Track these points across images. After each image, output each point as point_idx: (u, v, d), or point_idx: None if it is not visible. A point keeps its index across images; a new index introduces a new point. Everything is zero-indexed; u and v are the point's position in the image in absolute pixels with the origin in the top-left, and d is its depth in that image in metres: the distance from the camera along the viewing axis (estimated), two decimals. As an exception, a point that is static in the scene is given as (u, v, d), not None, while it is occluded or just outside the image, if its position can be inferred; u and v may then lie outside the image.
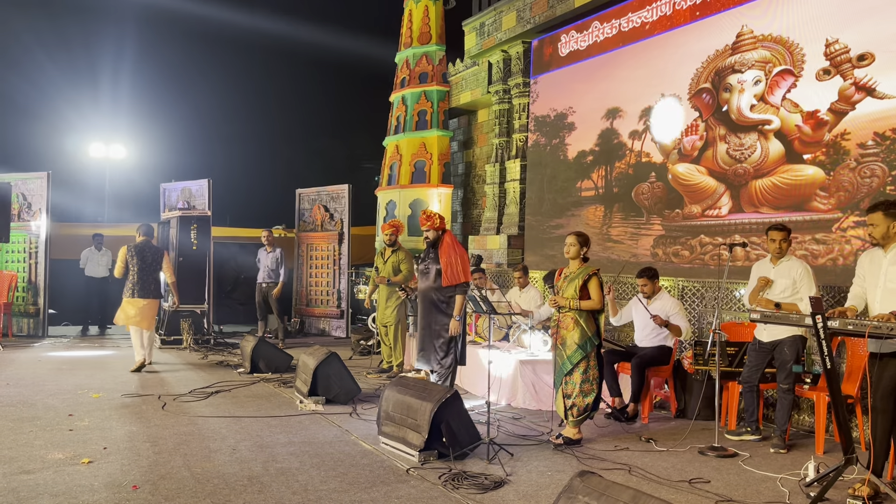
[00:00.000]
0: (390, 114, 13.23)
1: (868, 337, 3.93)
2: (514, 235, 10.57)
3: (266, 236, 10.81)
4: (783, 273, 5.32)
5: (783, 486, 4.38)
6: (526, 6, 10.20)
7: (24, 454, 4.69)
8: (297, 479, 4.31)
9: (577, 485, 2.91)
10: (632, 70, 8.66)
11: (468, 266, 6.16)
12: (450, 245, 6.13)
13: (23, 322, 11.32)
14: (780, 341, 5.33)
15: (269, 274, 10.72)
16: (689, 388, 6.39)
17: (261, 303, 10.78)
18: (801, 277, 5.25)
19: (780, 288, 5.30)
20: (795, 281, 5.25)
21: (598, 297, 5.30)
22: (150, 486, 4.10)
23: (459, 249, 6.15)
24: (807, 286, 5.21)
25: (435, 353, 6.12)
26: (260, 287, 10.74)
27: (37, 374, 7.81)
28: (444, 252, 6.09)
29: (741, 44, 7.27)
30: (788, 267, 5.32)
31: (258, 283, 10.77)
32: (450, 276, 6.03)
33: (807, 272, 5.26)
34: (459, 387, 6.95)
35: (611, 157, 8.94)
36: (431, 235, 6.20)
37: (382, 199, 12.96)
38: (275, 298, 10.70)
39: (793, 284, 5.26)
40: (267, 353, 8.21)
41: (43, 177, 11.48)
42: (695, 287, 7.15)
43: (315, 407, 6.27)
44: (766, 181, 6.98)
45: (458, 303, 5.99)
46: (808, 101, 6.61)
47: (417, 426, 4.73)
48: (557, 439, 5.27)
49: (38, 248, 11.37)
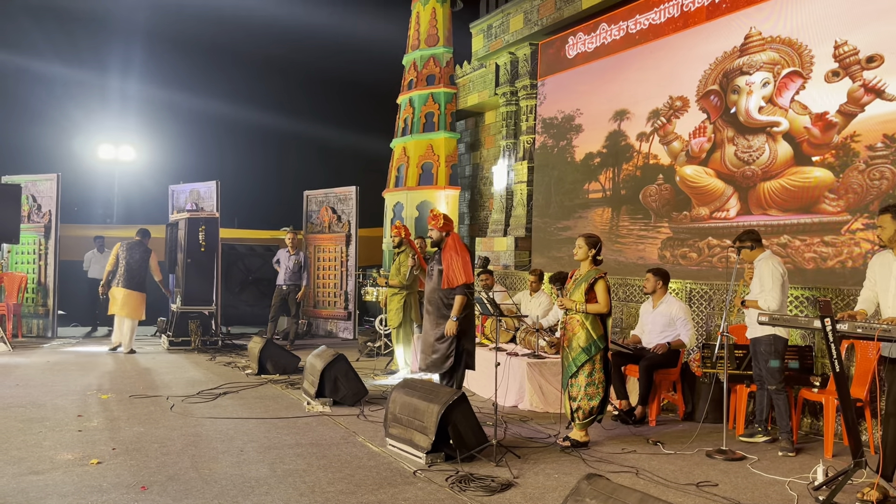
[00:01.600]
0: (398, 116, 13.24)
1: (878, 340, 3.91)
2: (522, 237, 10.57)
3: (290, 238, 10.76)
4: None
5: (792, 490, 4.37)
6: (533, 8, 10.20)
7: (33, 455, 4.72)
8: (305, 480, 4.32)
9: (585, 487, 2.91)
10: (639, 72, 8.65)
11: (469, 268, 6.02)
12: (451, 247, 6.06)
13: (32, 323, 11.38)
14: (758, 339, 5.35)
15: (290, 276, 10.68)
16: (696, 391, 6.37)
17: (277, 304, 10.75)
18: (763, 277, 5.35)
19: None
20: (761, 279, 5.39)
21: (605, 301, 5.29)
22: (159, 487, 4.12)
23: (461, 251, 6.05)
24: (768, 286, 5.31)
25: (439, 355, 6.07)
26: (280, 289, 10.70)
27: (46, 374, 7.85)
28: (444, 253, 6.06)
29: (749, 45, 7.25)
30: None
31: (278, 286, 10.74)
32: (447, 278, 5.99)
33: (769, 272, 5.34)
34: (467, 389, 6.94)
35: (618, 159, 8.93)
36: (435, 236, 6.14)
37: (389, 200, 12.97)
38: (297, 301, 10.70)
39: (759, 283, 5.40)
40: (274, 354, 8.23)
41: (53, 178, 11.54)
42: (702, 289, 7.13)
43: (322, 408, 6.29)
44: (774, 183, 6.95)
45: (456, 303, 5.92)
46: (817, 102, 6.58)
47: (424, 428, 4.73)
48: (564, 442, 5.27)
49: (47, 250, 11.44)
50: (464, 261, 6.00)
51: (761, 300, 5.28)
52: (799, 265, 6.59)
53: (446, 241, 6.10)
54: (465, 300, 5.93)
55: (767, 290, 5.26)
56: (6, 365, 8.43)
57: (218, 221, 10.87)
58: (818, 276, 6.41)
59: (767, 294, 5.26)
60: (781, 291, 5.27)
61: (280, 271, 10.77)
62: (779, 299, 5.24)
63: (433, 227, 6.14)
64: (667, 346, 6.25)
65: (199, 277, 10.43)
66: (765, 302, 5.25)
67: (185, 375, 8.05)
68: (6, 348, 9.54)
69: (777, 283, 5.26)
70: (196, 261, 10.44)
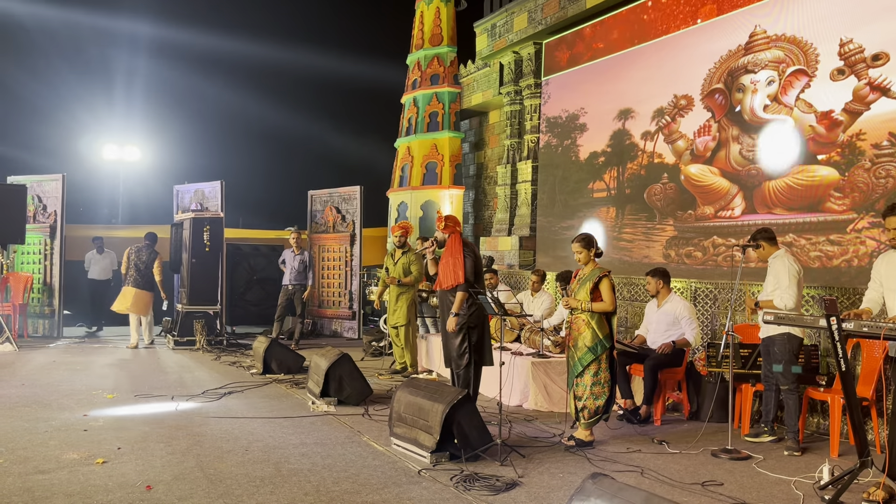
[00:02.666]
0: (402, 115, 13.25)
1: (884, 339, 3.90)
2: (526, 237, 10.56)
3: (294, 238, 10.79)
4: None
5: (797, 489, 4.35)
6: (537, 7, 10.19)
7: (39, 454, 4.73)
8: (310, 479, 4.32)
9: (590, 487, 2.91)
10: (644, 71, 8.63)
11: (460, 269, 5.92)
12: (448, 248, 6.08)
13: (38, 323, 11.41)
14: (771, 338, 5.32)
15: (295, 276, 10.71)
16: (702, 390, 6.36)
17: (284, 304, 10.77)
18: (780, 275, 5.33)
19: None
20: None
21: (610, 299, 5.28)
22: (164, 487, 4.13)
23: (455, 253, 6.00)
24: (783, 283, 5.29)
25: (453, 355, 6.06)
26: (286, 289, 10.72)
27: (51, 374, 7.87)
28: (444, 254, 6.10)
29: (754, 44, 7.23)
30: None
31: (284, 286, 10.77)
32: (441, 279, 6.04)
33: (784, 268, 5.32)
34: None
35: (623, 158, 8.91)
36: (440, 237, 6.18)
37: (394, 200, 12.98)
38: (303, 301, 10.72)
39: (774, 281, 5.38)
40: (279, 354, 8.24)
41: (58, 179, 11.57)
42: (707, 288, 7.12)
43: (327, 408, 6.29)
44: (779, 182, 6.93)
45: (457, 299, 5.90)
46: (822, 101, 6.56)
47: (429, 427, 4.73)
48: (569, 441, 5.26)
49: (52, 250, 11.47)
50: (455, 262, 5.94)
51: (777, 298, 5.23)
52: (804, 264, 6.56)
53: (448, 242, 6.09)
54: (465, 297, 5.89)
55: (783, 287, 5.22)
56: (12, 365, 8.46)
57: (222, 221, 10.89)
58: (824, 275, 6.39)
59: (783, 291, 5.21)
60: (798, 289, 5.24)
61: (286, 271, 10.79)
62: (795, 297, 5.21)
63: (439, 228, 6.16)
64: (672, 345, 6.23)
65: (204, 277, 10.46)
66: (780, 300, 5.21)
67: (190, 375, 8.07)
68: (12, 348, 9.58)
69: (793, 280, 5.23)
70: (201, 261, 10.47)
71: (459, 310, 5.89)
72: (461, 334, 5.92)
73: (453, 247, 6.06)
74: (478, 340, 5.98)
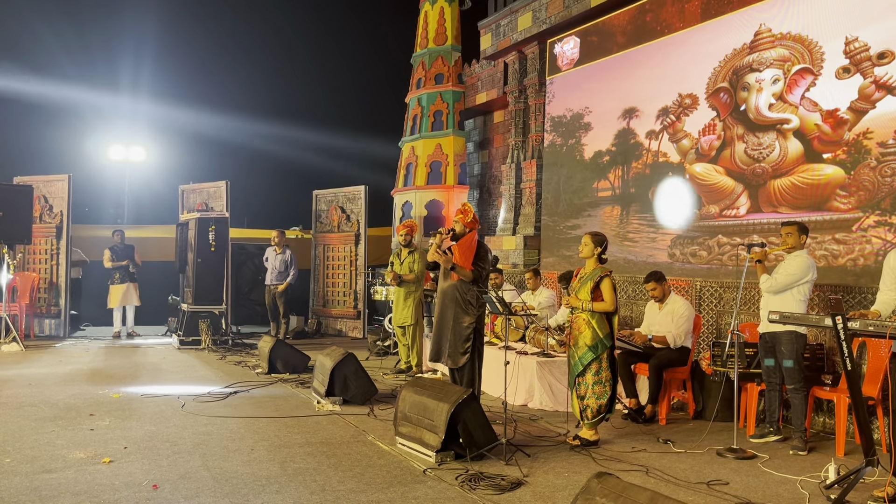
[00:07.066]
0: (406, 115, 13.25)
1: (889, 338, 3.89)
2: (531, 236, 10.56)
3: (276, 236, 10.89)
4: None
5: (803, 489, 4.35)
6: (541, 6, 10.18)
7: (46, 453, 4.75)
8: (315, 479, 4.33)
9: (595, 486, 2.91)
10: (648, 69, 8.62)
11: (469, 260, 5.94)
12: (466, 241, 6.02)
13: (44, 323, 11.47)
14: (777, 336, 5.31)
15: (277, 276, 10.81)
16: (707, 390, 6.35)
17: (272, 304, 10.85)
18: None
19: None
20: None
21: (611, 299, 5.27)
22: (170, 486, 4.14)
23: (468, 248, 5.99)
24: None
25: (454, 351, 5.99)
26: (269, 289, 10.82)
27: (58, 374, 7.91)
28: (460, 245, 6.00)
29: (759, 42, 7.21)
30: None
31: (266, 286, 10.86)
32: (462, 263, 5.96)
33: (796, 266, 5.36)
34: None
35: (627, 158, 8.90)
36: (458, 228, 6.07)
37: (398, 200, 12.99)
38: (280, 295, 10.76)
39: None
40: (284, 353, 8.26)
41: (64, 179, 11.62)
42: (712, 287, 7.10)
43: (332, 407, 6.31)
44: (784, 181, 6.91)
45: (460, 270, 5.90)
46: (828, 99, 6.54)
47: (434, 427, 4.73)
48: (574, 440, 5.26)
49: (59, 250, 11.52)
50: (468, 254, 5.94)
51: (767, 280, 5.35)
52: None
53: (467, 235, 6.04)
54: (468, 277, 5.86)
55: (778, 275, 5.30)
56: (19, 364, 8.50)
57: (228, 221, 10.93)
58: (829, 274, 6.37)
59: (775, 277, 5.31)
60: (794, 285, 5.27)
61: (268, 270, 10.90)
62: (781, 286, 5.29)
63: (460, 220, 6.05)
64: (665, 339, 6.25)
65: (210, 277, 10.50)
66: (766, 281, 5.34)
67: (196, 374, 8.09)
68: (19, 348, 9.62)
69: (794, 278, 5.25)
70: (206, 261, 10.51)
71: (449, 264, 5.89)
72: (469, 333, 5.88)
73: (471, 241, 6.02)
74: (480, 341, 6.00)
